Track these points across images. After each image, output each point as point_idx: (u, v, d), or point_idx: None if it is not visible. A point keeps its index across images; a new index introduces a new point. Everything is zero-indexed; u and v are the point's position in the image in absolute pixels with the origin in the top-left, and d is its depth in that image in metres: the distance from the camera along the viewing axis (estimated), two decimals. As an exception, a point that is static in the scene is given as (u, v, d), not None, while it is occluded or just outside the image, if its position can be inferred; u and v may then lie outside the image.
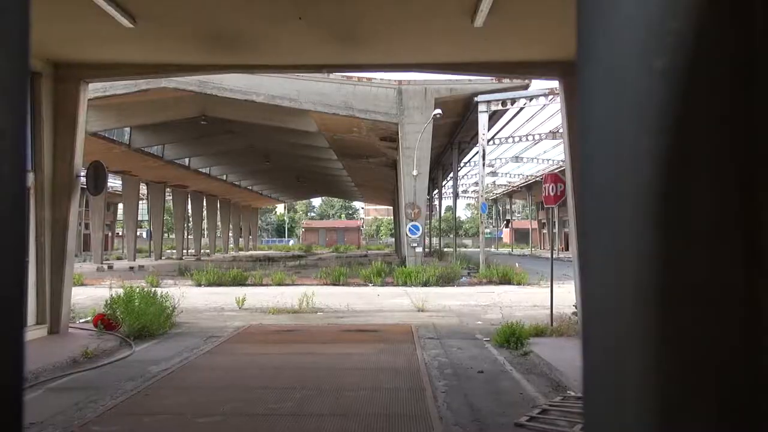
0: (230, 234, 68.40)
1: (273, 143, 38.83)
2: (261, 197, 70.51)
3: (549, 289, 12.77)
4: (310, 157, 42.57)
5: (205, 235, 64.01)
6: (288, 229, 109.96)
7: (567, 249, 52.55)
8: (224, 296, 18.78)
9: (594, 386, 0.56)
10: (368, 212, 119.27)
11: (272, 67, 13.93)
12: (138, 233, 50.11)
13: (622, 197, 0.50)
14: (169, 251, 54.69)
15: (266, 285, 23.42)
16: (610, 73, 0.51)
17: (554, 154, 42.38)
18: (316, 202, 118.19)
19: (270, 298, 17.95)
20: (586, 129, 0.52)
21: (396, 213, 53.33)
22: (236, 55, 11.77)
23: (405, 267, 25.22)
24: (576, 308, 11.97)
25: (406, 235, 26.56)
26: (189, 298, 17.24)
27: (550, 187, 12.39)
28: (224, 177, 52.82)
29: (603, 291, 0.52)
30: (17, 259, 0.63)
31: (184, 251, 52.75)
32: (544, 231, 69.71)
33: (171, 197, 53.78)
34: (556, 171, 27.14)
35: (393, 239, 77.68)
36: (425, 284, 22.92)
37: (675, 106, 0.48)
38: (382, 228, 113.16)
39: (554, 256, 14.41)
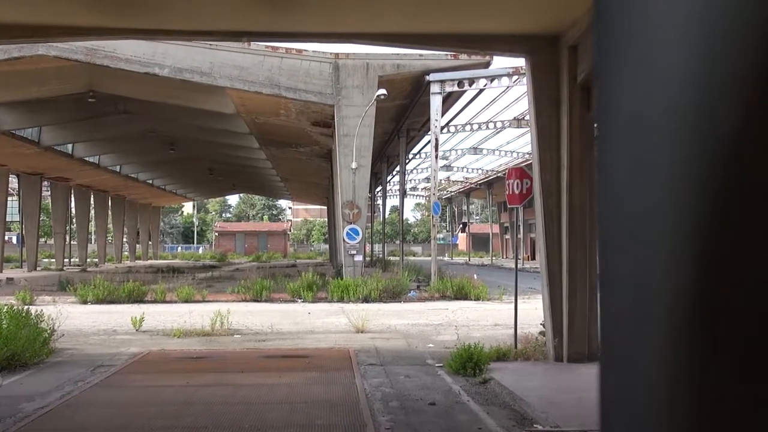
0: (125, 239, 67.02)
1: (180, 127, 38.31)
2: (164, 194, 69.47)
3: (513, 305, 13.01)
4: (225, 145, 42.17)
5: (93, 241, 62.41)
6: (197, 233, 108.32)
7: (533, 258, 53.81)
8: (117, 316, 18.55)
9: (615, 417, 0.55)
10: (297, 213, 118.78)
11: (180, 32, 13.68)
12: (6, 238, 48.55)
13: (656, 154, 0.48)
14: (46, 260, 53.42)
15: (170, 302, 23.11)
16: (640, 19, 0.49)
17: (519, 145, 43.28)
18: (233, 200, 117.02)
19: (175, 318, 17.67)
20: (604, 80, 0.51)
21: (331, 214, 53.32)
22: (135, 17, 11.49)
23: (341, 279, 25.23)
24: (543, 327, 12.24)
25: (343, 240, 26.56)
26: (72, 318, 16.93)
27: (515, 183, 12.62)
28: (117, 168, 51.94)
29: (630, 305, 0.51)
30: None
31: (66, 261, 51.53)
32: (507, 236, 71.11)
33: (49, 193, 52.34)
34: (521, 165, 27.75)
35: (327, 246, 77.66)
36: (366, 300, 23.00)
37: (706, 58, 0.48)
38: (314, 232, 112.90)
39: (519, 267, 14.70)
